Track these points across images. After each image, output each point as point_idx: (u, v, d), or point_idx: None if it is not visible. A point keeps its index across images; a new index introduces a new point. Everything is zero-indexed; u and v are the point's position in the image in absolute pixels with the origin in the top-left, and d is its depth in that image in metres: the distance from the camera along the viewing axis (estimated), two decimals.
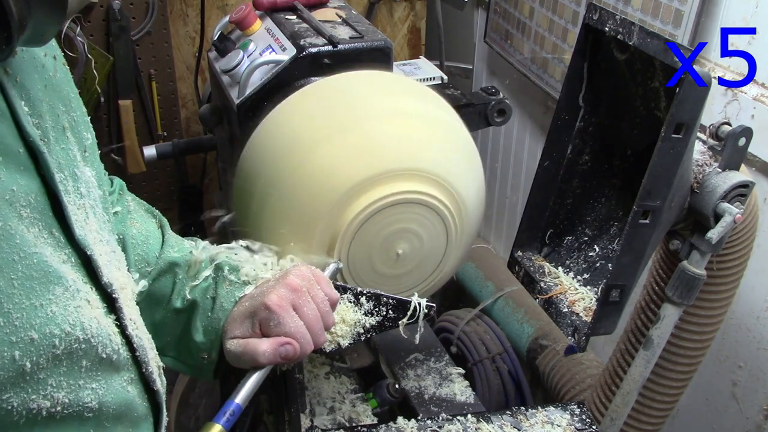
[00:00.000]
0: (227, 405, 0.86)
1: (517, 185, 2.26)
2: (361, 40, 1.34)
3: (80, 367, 0.64)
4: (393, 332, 1.12)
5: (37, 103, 0.64)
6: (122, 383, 0.71)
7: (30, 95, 0.63)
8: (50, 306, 0.60)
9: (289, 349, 0.90)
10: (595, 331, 1.13)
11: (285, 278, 0.95)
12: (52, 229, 0.63)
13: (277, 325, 0.91)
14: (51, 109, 0.66)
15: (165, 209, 1.09)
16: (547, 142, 1.25)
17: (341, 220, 1.12)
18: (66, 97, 0.71)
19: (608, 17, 1.10)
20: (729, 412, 1.51)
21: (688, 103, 0.97)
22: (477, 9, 2.35)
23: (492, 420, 1.19)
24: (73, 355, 0.62)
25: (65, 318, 0.61)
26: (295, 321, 0.92)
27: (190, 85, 2.21)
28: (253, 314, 0.93)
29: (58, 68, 0.71)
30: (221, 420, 0.83)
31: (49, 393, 0.60)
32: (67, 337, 0.61)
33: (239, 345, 0.92)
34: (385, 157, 1.12)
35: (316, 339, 0.93)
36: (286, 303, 0.92)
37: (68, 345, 0.61)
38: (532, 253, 1.33)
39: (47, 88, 0.67)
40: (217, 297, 0.98)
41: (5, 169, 0.57)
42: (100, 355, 0.66)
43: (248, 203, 1.18)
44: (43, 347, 0.59)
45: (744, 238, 1.14)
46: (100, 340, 0.66)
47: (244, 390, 0.89)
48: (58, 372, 0.61)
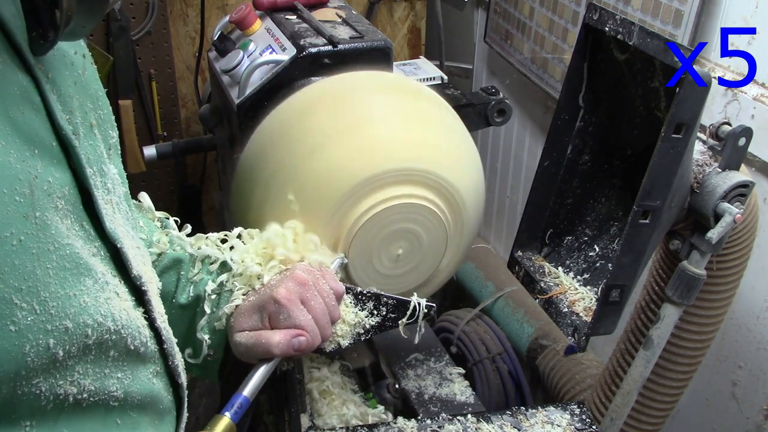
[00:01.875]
0: (235, 397, 0.87)
1: (517, 185, 2.26)
2: (361, 40, 1.34)
3: (108, 356, 0.65)
4: (393, 332, 1.12)
5: (67, 99, 0.65)
6: (148, 375, 0.72)
7: (61, 91, 0.64)
8: (83, 296, 0.61)
9: (302, 341, 0.92)
10: (595, 331, 1.13)
11: (292, 273, 0.97)
12: (82, 222, 0.64)
13: (287, 318, 0.92)
14: (80, 105, 0.67)
15: (165, 209, 1.10)
16: (547, 142, 1.25)
17: (342, 221, 1.12)
18: (94, 95, 0.72)
19: (608, 17, 1.10)
20: (729, 412, 1.51)
21: (688, 103, 0.97)
22: (477, 9, 2.35)
23: (492, 420, 1.19)
24: (102, 345, 0.63)
25: (97, 309, 0.62)
26: (304, 314, 0.93)
27: (190, 85, 2.21)
28: (261, 308, 0.94)
29: (86, 66, 0.72)
30: (230, 412, 0.84)
31: (76, 380, 0.61)
32: (99, 327, 0.62)
33: (251, 337, 0.93)
34: (385, 157, 1.12)
35: (324, 332, 0.95)
36: (295, 296, 0.94)
37: (100, 335, 0.62)
38: (532, 253, 1.33)
39: (77, 86, 0.68)
40: (221, 292, 0.99)
41: (41, 162, 0.58)
42: (129, 346, 0.67)
43: (248, 203, 1.18)
44: (77, 336, 0.60)
45: (744, 238, 1.14)
46: (130, 332, 0.67)
47: (252, 383, 0.90)
48: (86, 360, 0.62)
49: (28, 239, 0.55)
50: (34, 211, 0.56)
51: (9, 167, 0.54)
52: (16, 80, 0.58)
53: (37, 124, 0.59)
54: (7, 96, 0.56)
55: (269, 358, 0.93)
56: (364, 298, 1.09)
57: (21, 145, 0.56)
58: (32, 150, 0.57)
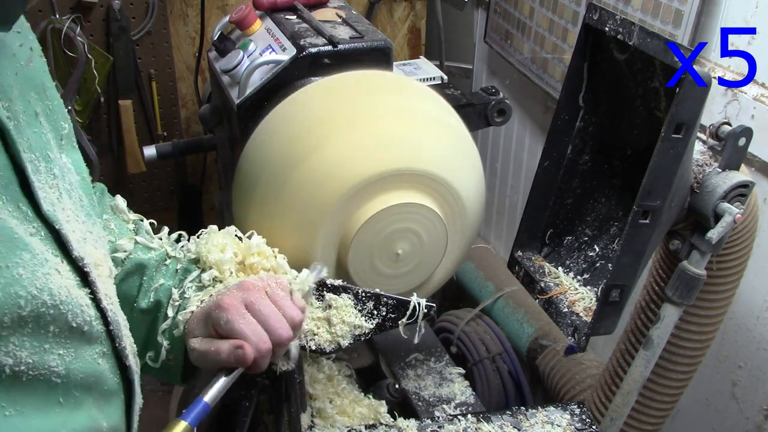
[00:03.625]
0: (196, 403, 0.86)
1: (517, 185, 2.26)
2: (361, 40, 1.34)
3: (47, 331, 0.66)
4: (393, 332, 1.12)
5: (6, 88, 0.68)
6: (93, 355, 0.73)
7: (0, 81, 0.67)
8: (17, 269, 0.62)
9: (239, 353, 0.89)
10: (595, 331, 1.13)
11: (241, 282, 0.96)
12: (18, 203, 0.66)
13: (227, 323, 0.90)
14: (21, 95, 0.70)
15: (165, 209, 1.10)
16: (547, 142, 1.25)
17: (342, 221, 1.12)
18: (40, 86, 0.75)
19: (608, 17, 1.10)
20: (729, 412, 1.51)
21: (688, 103, 0.97)
22: (477, 9, 2.35)
23: (492, 420, 1.19)
24: (40, 319, 0.64)
25: (32, 282, 0.63)
26: (246, 318, 0.91)
27: (190, 85, 2.21)
28: (207, 315, 0.94)
29: (33, 59, 0.75)
30: (188, 418, 0.84)
31: (11, 351, 0.62)
32: (33, 300, 0.63)
33: (201, 344, 0.93)
34: (385, 157, 1.12)
35: (276, 333, 0.92)
36: (238, 302, 0.92)
37: (35, 307, 0.63)
38: (532, 253, 1.33)
39: (18, 76, 0.70)
40: (183, 299, 0.99)
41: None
42: (70, 323, 0.68)
43: (249, 202, 1.18)
44: (8, 306, 0.61)
45: (744, 238, 1.14)
46: (70, 308, 0.68)
47: (213, 390, 0.88)
48: (22, 332, 0.63)
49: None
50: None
51: None
52: None
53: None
54: None
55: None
56: (364, 298, 1.09)
57: None
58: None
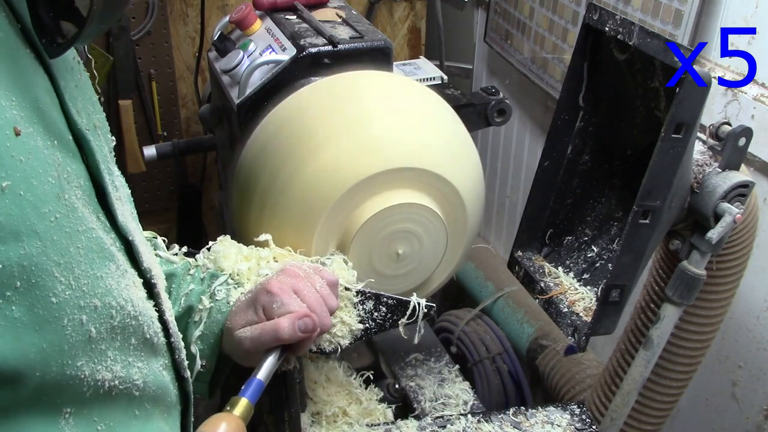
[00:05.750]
0: (251, 382, 0.88)
1: (517, 185, 2.26)
2: (361, 40, 1.34)
3: (130, 344, 0.67)
4: (393, 332, 1.12)
5: (75, 100, 0.67)
6: (159, 368, 0.74)
7: (68, 92, 0.66)
8: (108, 279, 0.63)
9: (308, 322, 0.91)
10: (595, 331, 1.13)
11: (282, 269, 0.98)
12: (98, 214, 0.66)
13: (281, 306, 0.92)
14: (83, 107, 0.70)
15: (165, 209, 1.10)
16: (547, 142, 1.25)
17: (342, 221, 1.12)
18: (91, 99, 0.74)
19: (608, 17, 1.10)
20: (729, 412, 1.51)
21: (688, 103, 0.97)
22: (477, 9, 2.35)
23: (492, 420, 1.19)
24: (125, 330, 0.65)
25: (120, 292, 0.64)
26: (298, 302, 0.94)
27: (190, 85, 2.21)
28: (254, 302, 0.95)
29: (82, 72, 0.74)
30: (246, 394, 0.85)
31: (109, 365, 0.63)
32: (121, 310, 0.64)
33: (255, 329, 0.93)
34: (385, 157, 1.12)
35: (323, 320, 0.95)
36: (287, 286, 0.94)
37: (122, 318, 0.64)
38: (532, 253, 1.33)
39: (77, 89, 0.70)
40: (215, 302, 0.99)
41: (60, 152, 0.60)
42: (145, 335, 0.69)
43: (249, 202, 1.18)
44: (104, 316, 0.61)
45: (744, 238, 1.14)
46: (145, 320, 0.69)
47: (264, 368, 0.90)
48: (114, 345, 0.64)
49: (62, 218, 0.57)
50: (63, 193, 0.58)
51: (40, 150, 0.56)
52: (40, 74, 0.60)
53: (55, 116, 0.61)
54: (34, 88, 0.58)
55: (275, 347, 0.93)
56: (364, 298, 1.09)
57: (44, 133, 0.58)
58: (53, 140, 0.59)
